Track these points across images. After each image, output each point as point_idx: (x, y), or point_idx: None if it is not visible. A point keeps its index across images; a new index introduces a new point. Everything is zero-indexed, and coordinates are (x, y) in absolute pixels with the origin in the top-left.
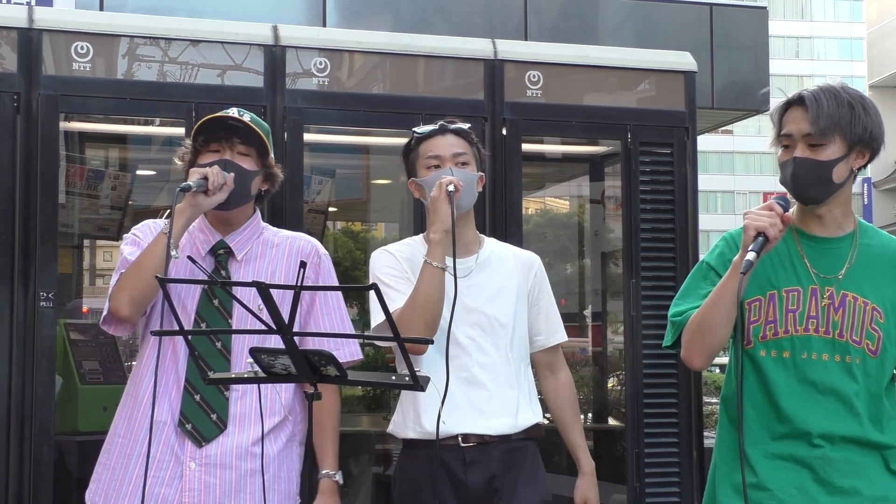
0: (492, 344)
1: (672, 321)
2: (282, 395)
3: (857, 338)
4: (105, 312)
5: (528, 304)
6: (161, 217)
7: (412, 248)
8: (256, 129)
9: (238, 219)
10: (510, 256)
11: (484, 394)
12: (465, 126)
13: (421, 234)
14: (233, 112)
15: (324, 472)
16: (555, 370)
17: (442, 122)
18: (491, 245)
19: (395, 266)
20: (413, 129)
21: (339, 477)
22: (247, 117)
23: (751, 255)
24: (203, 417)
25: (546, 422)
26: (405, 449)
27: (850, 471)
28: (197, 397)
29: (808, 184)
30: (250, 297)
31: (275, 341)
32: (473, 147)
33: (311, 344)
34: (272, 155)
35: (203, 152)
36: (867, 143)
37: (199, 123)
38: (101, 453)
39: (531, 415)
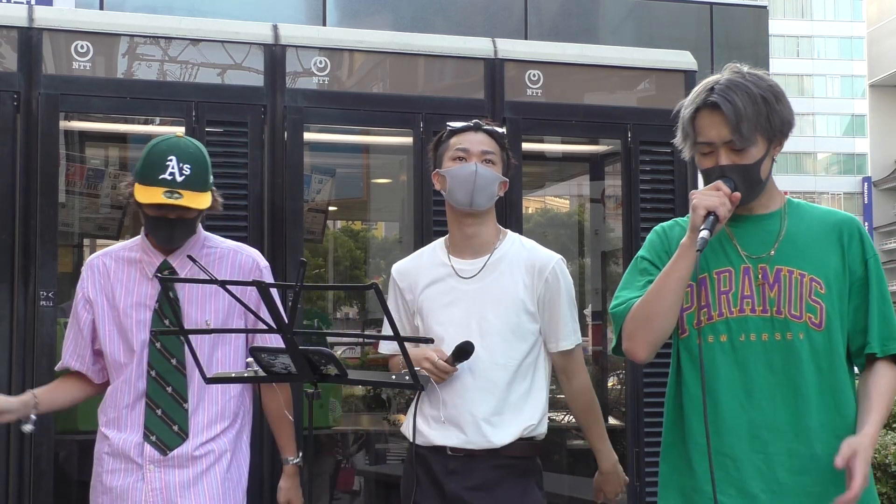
0: (486, 351)
1: (613, 314)
2: (232, 402)
3: (796, 312)
4: None
5: (538, 309)
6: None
7: (418, 261)
8: (192, 206)
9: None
10: (523, 259)
11: (472, 403)
12: (500, 129)
13: (442, 238)
14: (171, 167)
15: (286, 458)
16: (570, 376)
17: (477, 120)
18: (508, 245)
19: (393, 295)
20: (448, 123)
21: (299, 460)
22: (186, 170)
23: (704, 234)
24: (165, 429)
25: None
26: (408, 450)
27: (794, 465)
28: (158, 412)
29: (743, 190)
30: (197, 304)
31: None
32: (503, 151)
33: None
34: (213, 192)
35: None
36: (784, 132)
37: (146, 202)
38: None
39: (520, 429)
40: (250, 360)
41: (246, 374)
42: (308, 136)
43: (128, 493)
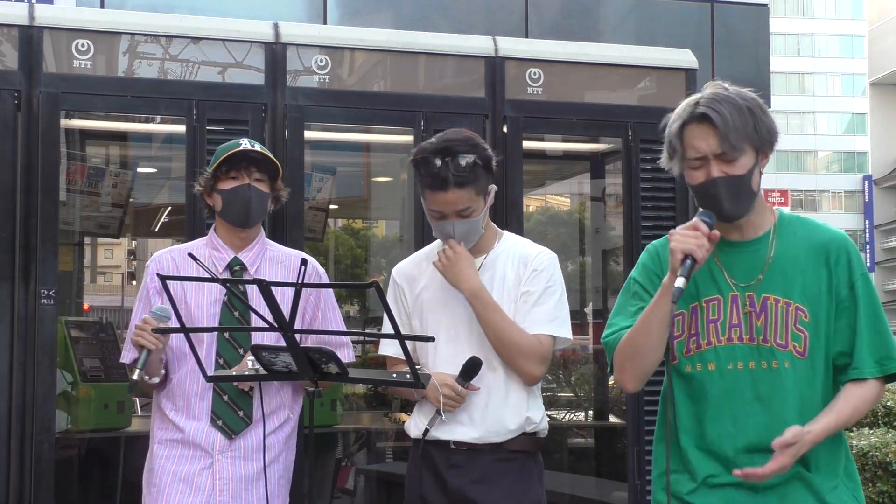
0: (485, 349)
1: (604, 343)
2: (284, 393)
3: (781, 341)
4: None
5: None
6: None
7: (417, 262)
8: (273, 158)
9: (251, 235)
10: (517, 255)
11: (473, 401)
12: (470, 162)
13: (438, 241)
14: (245, 144)
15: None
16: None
17: (443, 167)
18: (505, 244)
19: (393, 294)
20: (417, 158)
21: None
22: (257, 147)
23: (680, 282)
24: (231, 414)
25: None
26: (412, 446)
27: (777, 491)
28: (225, 398)
29: (735, 202)
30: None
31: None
32: (480, 180)
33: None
34: (280, 179)
35: (222, 178)
36: (770, 143)
37: (224, 156)
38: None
39: (521, 423)
40: (251, 357)
41: (247, 373)
42: (309, 134)
43: (194, 479)
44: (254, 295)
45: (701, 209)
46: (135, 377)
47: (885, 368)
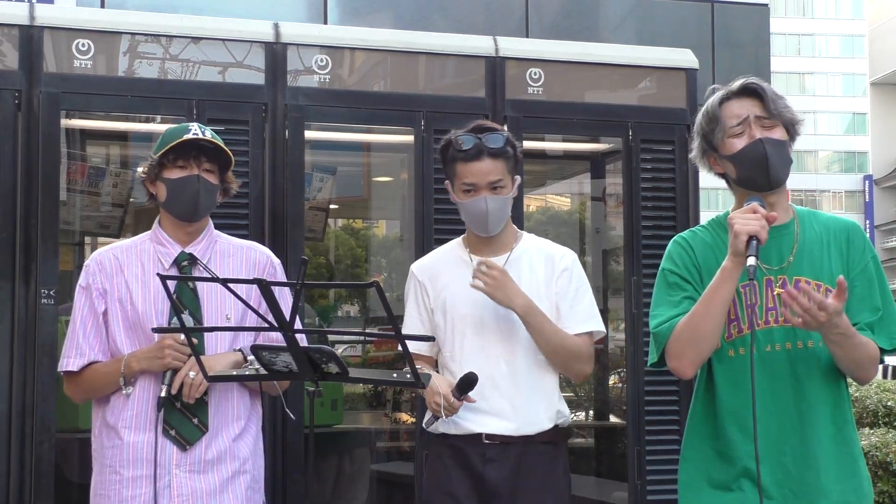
0: (515, 344)
1: (655, 333)
2: (241, 398)
3: None
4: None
5: (557, 298)
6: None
7: (438, 258)
8: (225, 148)
9: (199, 228)
10: (541, 254)
11: (506, 394)
12: (502, 139)
13: (460, 238)
14: (195, 130)
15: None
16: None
17: (478, 141)
18: (526, 242)
19: (413, 290)
20: (451, 138)
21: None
22: (208, 134)
23: (752, 261)
24: (185, 423)
25: (572, 420)
26: (435, 443)
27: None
28: (178, 405)
29: (780, 164)
30: (217, 298)
31: None
32: (510, 161)
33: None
34: (231, 171)
35: (169, 167)
36: (796, 130)
37: (172, 144)
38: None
39: (553, 416)
40: (251, 357)
41: (247, 373)
42: (309, 134)
43: (152, 501)
44: (205, 291)
45: (750, 197)
46: (163, 394)
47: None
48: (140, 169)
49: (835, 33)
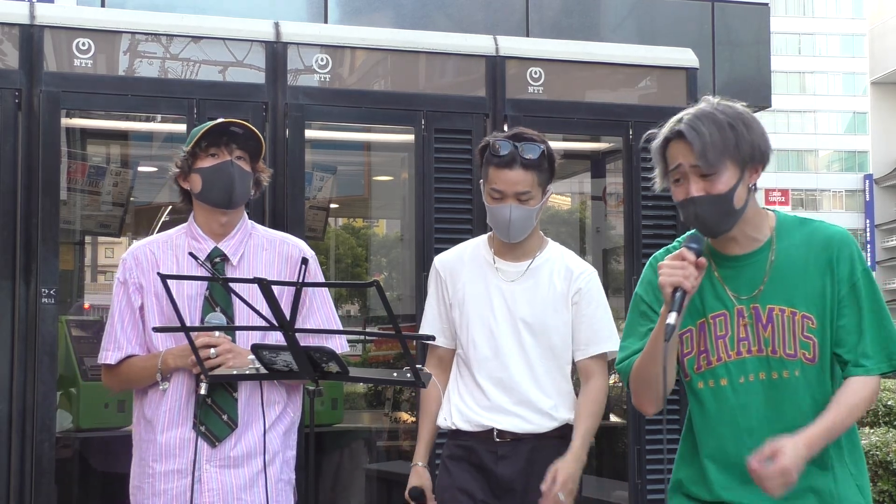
0: (531, 347)
1: (619, 370)
2: (276, 392)
3: (790, 351)
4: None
5: (571, 313)
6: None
7: (461, 255)
8: (257, 132)
9: (232, 221)
10: (563, 265)
11: (520, 393)
12: (538, 151)
13: (485, 236)
14: (221, 121)
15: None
16: (588, 377)
17: (514, 149)
18: (550, 252)
19: (434, 283)
20: (489, 141)
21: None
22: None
23: (671, 318)
24: (215, 419)
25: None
26: (448, 440)
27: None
28: (209, 401)
29: (715, 221)
30: (251, 296)
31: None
32: (544, 174)
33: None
34: (262, 160)
35: (202, 156)
36: (758, 159)
37: (203, 129)
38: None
39: (563, 415)
40: (251, 357)
41: (247, 372)
42: (309, 133)
43: (184, 495)
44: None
45: (687, 235)
46: (203, 391)
47: (894, 363)
48: (173, 166)
49: (835, 32)
